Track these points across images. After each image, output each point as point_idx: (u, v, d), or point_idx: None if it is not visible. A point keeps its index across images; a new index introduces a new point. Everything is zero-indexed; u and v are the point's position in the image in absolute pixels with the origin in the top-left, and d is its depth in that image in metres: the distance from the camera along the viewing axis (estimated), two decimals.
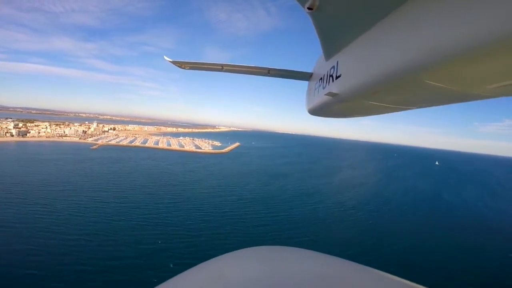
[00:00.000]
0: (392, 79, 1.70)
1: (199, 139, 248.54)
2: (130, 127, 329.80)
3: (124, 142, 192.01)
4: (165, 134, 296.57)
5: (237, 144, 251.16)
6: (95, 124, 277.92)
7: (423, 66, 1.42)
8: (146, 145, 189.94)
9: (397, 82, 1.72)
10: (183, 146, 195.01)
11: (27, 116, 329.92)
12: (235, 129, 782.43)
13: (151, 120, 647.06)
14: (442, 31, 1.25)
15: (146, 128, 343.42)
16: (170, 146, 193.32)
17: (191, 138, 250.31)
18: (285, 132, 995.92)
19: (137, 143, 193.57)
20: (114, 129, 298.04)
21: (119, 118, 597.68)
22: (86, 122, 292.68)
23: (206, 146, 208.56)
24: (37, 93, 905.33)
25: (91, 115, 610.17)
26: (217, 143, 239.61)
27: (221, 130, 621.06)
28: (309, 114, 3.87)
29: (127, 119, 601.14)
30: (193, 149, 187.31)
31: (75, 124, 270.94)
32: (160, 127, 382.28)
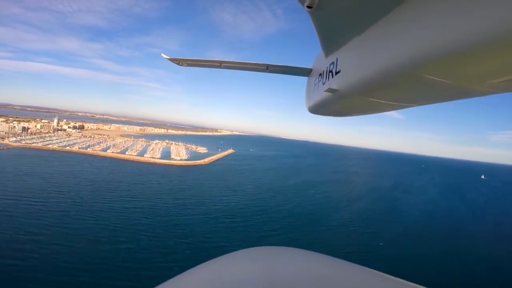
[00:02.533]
0: (393, 75, 1.65)
1: (181, 144, 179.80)
2: (106, 126, 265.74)
3: (56, 146, 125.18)
4: (143, 136, 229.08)
5: (229, 151, 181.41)
6: (55, 121, 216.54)
7: (423, 62, 1.39)
8: (87, 151, 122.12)
9: (398, 78, 1.66)
10: (146, 153, 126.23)
11: (10, 113, 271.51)
12: (238, 133, 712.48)
13: (151, 122, 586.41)
14: (442, 28, 1.23)
15: (125, 128, 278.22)
16: (125, 153, 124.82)
17: (168, 142, 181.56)
18: (291, 138, 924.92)
19: (76, 147, 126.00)
20: (82, 127, 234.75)
21: (116, 118, 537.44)
22: (65, 119, 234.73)
23: (182, 153, 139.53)
24: (44, 92, 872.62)
25: (88, 114, 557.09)
26: (202, 150, 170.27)
27: (222, 133, 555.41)
28: (310, 115, 3.71)
29: (124, 119, 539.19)
30: (155, 159, 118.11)
31: (43, 120, 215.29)
32: (146, 127, 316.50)
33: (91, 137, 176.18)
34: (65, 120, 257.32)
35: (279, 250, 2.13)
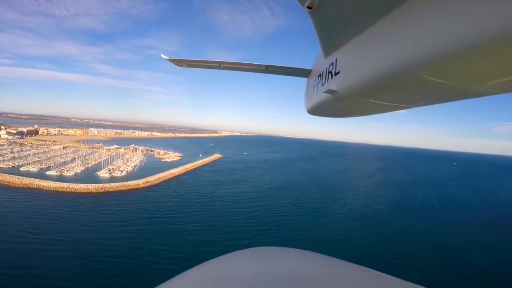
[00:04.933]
0: (392, 76, 1.61)
1: (143, 149, 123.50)
2: (72, 131, 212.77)
3: None
4: (110, 141, 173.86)
5: (215, 156, 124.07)
6: None
7: (422, 63, 1.36)
8: None
9: (397, 79, 1.62)
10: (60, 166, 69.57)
11: None
12: (238, 133, 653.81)
13: (148, 125, 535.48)
14: (441, 29, 1.21)
15: (96, 132, 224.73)
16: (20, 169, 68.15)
17: (127, 148, 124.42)
18: (294, 137, 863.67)
19: None
20: (36, 133, 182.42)
21: (110, 123, 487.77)
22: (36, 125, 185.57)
23: (128, 165, 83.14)
24: (46, 99, 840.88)
25: (85, 120, 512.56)
26: (174, 157, 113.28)
27: (221, 135, 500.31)
28: (309, 114, 3.62)
29: (120, 123, 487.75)
30: (51, 181, 60.79)
31: None
32: (124, 131, 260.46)
33: (22, 144, 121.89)
34: (36, 125, 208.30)
35: (277, 250, 2.06)
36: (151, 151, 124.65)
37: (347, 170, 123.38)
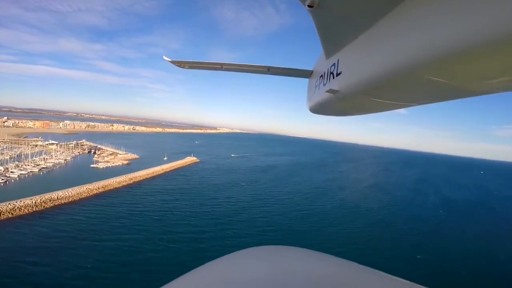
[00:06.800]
0: (394, 76, 1.59)
1: (91, 146, 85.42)
2: (31, 123, 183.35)
3: None
4: (67, 135, 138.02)
5: (187, 160, 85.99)
6: None
7: (425, 63, 1.34)
8: None
9: (399, 79, 1.60)
10: None
11: None
12: (239, 131, 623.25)
13: (146, 121, 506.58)
14: (443, 28, 1.19)
15: (61, 125, 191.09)
16: None
17: (60, 144, 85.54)
18: (295, 136, 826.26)
19: None
20: None
21: (105, 117, 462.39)
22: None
23: (12, 174, 44.64)
24: (46, 95, 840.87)
25: (80, 115, 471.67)
26: (120, 160, 75.63)
27: (220, 131, 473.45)
28: (312, 114, 3.66)
29: (114, 118, 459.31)
30: None
31: None
32: (99, 124, 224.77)
33: None
34: (6, 117, 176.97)
35: (283, 249, 2.05)
36: (98, 149, 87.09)
37: (381, 185, 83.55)
